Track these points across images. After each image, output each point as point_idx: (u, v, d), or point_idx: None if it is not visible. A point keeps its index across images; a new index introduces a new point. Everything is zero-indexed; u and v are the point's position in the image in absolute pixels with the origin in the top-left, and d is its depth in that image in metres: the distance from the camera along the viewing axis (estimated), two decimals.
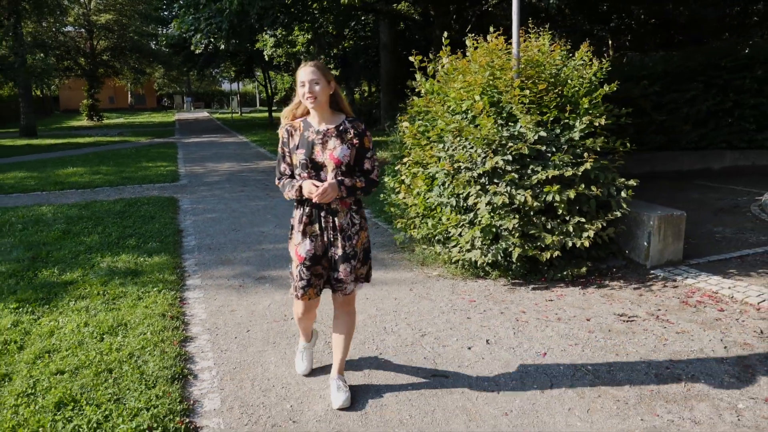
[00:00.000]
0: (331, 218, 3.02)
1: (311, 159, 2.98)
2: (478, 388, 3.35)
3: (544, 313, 4.41)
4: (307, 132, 3.02)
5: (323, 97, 2.96)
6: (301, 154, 3.00)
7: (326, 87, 2.96)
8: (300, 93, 2.98)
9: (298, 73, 2.98)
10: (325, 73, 2.95)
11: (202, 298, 4.88)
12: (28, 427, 2.94)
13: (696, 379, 3.43)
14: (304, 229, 3.04)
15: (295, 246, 3.08)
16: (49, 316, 4.45)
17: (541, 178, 4.90)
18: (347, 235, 3.05)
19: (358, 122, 3.07)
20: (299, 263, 3.06)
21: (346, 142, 2.99)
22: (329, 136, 2.99)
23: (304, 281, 3.07)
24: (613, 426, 2.96)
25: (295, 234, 3.08)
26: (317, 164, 2.98)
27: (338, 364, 3.25)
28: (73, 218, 7.80)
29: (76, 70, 37.45)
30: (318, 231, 3.04)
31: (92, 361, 3.66)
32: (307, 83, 2.92)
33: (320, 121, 3.03)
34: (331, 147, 2.97)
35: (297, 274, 3.08)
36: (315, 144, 2.99)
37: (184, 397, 3.26)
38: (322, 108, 3.00)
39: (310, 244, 3.03)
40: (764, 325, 4.14)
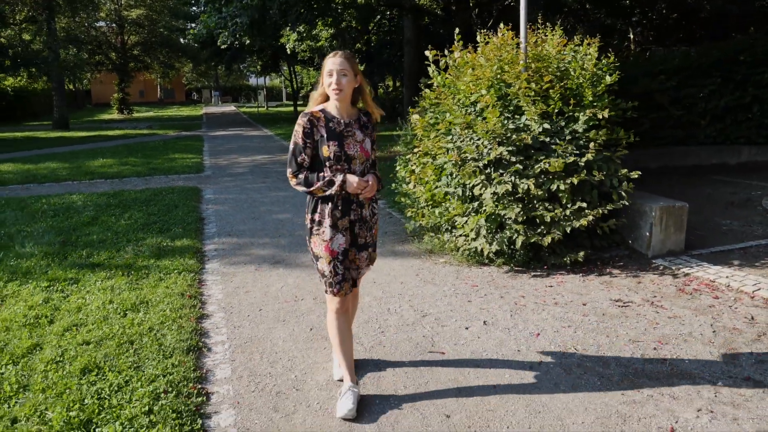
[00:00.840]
0: (359, 210, 3.01)
1: (344, 152, 2.91)
2: (471, 364, 3.56)
3: (542, 298, 4.60)
4: (332, 123, 2.94)
5: (349, 89, 2.92)
6: (334, 146, 2.90)
7: (353, 80, 2.92)
8: (326, 82, 2.91)
9: (327, 61, 2.91)
10: (353, 66, 2.91)
11: (219, 280, 5.17)
12: (56, 389, 3.23)
13: (680, 359, 3.60)
14: (335, 223, 2.97)
15: (325, 242, 2.98)
16: (77, 294, 4.77)
17: (544, 168, 5.08)
18: (368, 225, 3.07)
19: (370, 115, 3.07)
20: (332, 258, 2.98)
21: (367, 135, 3.01)
22: (355, 129, 2.97)
23: (339, 276, 3.00)
24: (595, 399, 3.15)
25: (326, 229, 2.97)
26: (349, 156, 2.93)
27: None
28: (102, 206, 8.17)
29: (107, 65, 38.28)
30: (348, 224, 3.01)
31: (115, 333, 3.96)
32: (335, 73, 2.87)
33: (342, 113, 2.98)
34: (359, 139, 2.96)
35: (331, 270, 3.00)
36: (345, 136, 2.94)
37: (198, 367, 3.54)
38: (346, 100, 2.97)
39: (342, 238, 2.99)
40: (756, 312, 4.28)
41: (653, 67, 10.30)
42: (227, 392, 3.27)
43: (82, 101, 51.35)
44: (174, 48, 39.78)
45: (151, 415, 2.96)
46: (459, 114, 5.52)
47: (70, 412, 2.98)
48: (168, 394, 3.16)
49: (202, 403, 3.14)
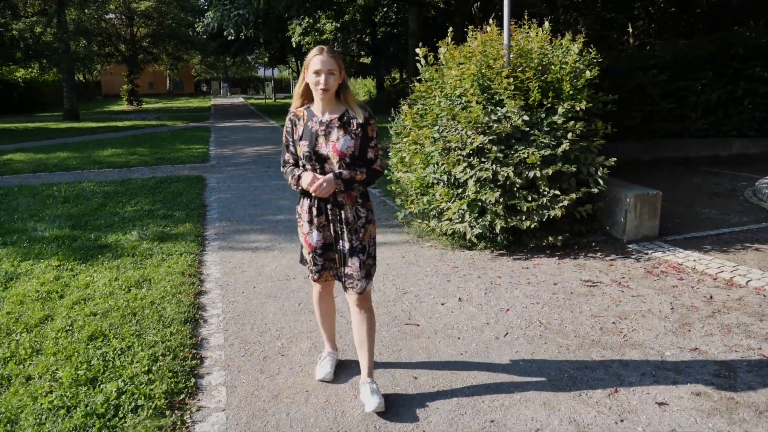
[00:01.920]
0: (338, 210, 2.96)
1: (315, 151, 2.89)
2: (442, 334, 3.90)
3: (517, 278, 4.93)
4: (311, 122, 2.92)
5: (334, 88, 2.87)
6: (305, 146, 2.90)
7: (338, 78, 2.86)
8: (311, 81, 2.85)
9: (312, 60, 2.82)
10: (339, 63, 2.84)
11: (218, 261, 5.52)
12: (66, 353, 3.60)
13: (635, 332, 3.91)
14: (311, 219, 2.99)
15: (304, 234, 3.05)
16: (85, 272, 5.14)
17: (523, 157, 5.38)
18: (353, 228, 2.98)
19: (364, 110, 2.94)
20: (311, 251, 3.05)
21: (349, 132, 2.89)
22: (332, 127, 2.89)
23: (318, 266, 3.07)
24: (550, 364, 3.48)
25: (304, 223, 3.03)
26: (321, 156, 2.89)
27: (367, 368, 3.09)
28: (110, 193, 8.55)
29: (116, 56, 38.78)
30: (325, 222, 3.00)
31: (120, 306, 4.32)
32: (323, 73, 2.80)
33: (324, 110, 2.92)
34: (334, 138, 2.87)
35: (311, 260, 3.08)
36: (318, 135, 2.89)
37: (194, 335, 3.89)
38: (330, 98, 2.90)
39: (318, 234, 3.00)
40: (715, 292, 4.59)
41: (646, 62, 10.54)
42: (219, 357, 3.63)
43: (92, 93, 51.88)
44: (182, 40, 40.19)
45: (150, 374, 3.32)
46: (445, 106, 5.84)
47: (78, 371, 3.35)
48: (165, 357, 3.52)
49: (196, 366, 3.50)
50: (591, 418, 2.94)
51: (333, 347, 3.46)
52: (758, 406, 3.03)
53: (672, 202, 7.60)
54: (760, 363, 3.48)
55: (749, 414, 2.96)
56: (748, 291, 4.61)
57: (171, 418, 2.94)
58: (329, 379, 3.30)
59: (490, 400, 3.11)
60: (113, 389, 3.15)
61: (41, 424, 2.87)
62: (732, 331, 3.91)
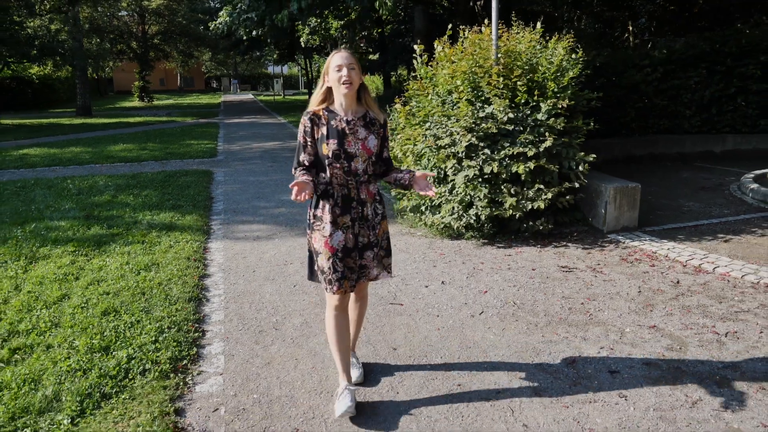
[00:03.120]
0: (360, 208, 2.98)
1: (344, 149, 2.88)
2: (423, 313, 4.26)
3: (498, 264, 5.28)
4: (334, 121, 2.90)
5: (357, 83, 2.89)
6: (334, 144, 2.87)
7: (359, 74, 2.90)
8: (334, 77, 2.86)
9: (333, 58, 2.89)
10: (358, 61, 2.90)
11: (222, 248, 5.91)
12: (81, 326, 3.99)
13: (601, 312, 4.26)
14: (335, 220, 2.95)
15: (324, 237, 2.95)
16: (98, 257, 5.54)
17: (508, 153, 5.73)
18: (371, 224, 3.02)
19: (380, 112, 3.05)
20: (331, 255, 2.95)
21: (373, 132, 2.95)
22: (358, 126, 2.92)
23: (338, 273, 2.95)
24: (518, 339, 3.84)
25: (326, 225, 2.95)
26: (349, 155, 2.89)
27: (352, 341, 3.29)
28: (121, 186, 8.97)
29: (128, 54, 39.33)
30: (349, 222, 2.97)
31: (130, 286, 4.71)
32: (345, 67, 2.82)
33: (347, 109, 2.93)
34: (362, 137, 2.91)
35: (330, 267, 2.95)
36: (346, 134, 2.89)
37: (197, 312, 4.28)
38: (352, 96, 2.91)
39: (342, 235, 2.96)
40: (683, 278, 4.92)
41: (640, 60, 10.82)
42: (219, 330, 4.01)
43: (105, 89, 52.59)
44: (193, 37, 40.68)
45: (156, 344, 3.71)
46: (435, 104, 6.18)
47: (92, 341, 3.74)
48: (171, 330, 3.91)
49: (198, 337, 3.88)
50: (548, 383, 3.29)
51: (349, 380, 3.10)
52: (701, 375, 3.37)
53: (657, 195, 7.92)
54: (710, 339, 3.82)
55: (692, 381, 3.31)
56: (714, 277, 4.93)
57: (174, 379, 3.33)
58: (352, 413, 2.94)
59: (459, 368, 3.47)
60: (124, 355, 3.54)
61: (61, 383, 3.26)
62: (691, 312, 4.24)
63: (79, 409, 3.04)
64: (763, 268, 5.04)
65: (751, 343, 3.75)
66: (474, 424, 2.91)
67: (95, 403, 3.09)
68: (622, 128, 11.05)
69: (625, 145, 10.76)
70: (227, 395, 3.21)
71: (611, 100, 10.64)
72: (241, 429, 2.90)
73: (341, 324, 3.06)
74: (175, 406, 3.08)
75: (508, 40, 6.45)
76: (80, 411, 3.02)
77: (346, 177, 2.92)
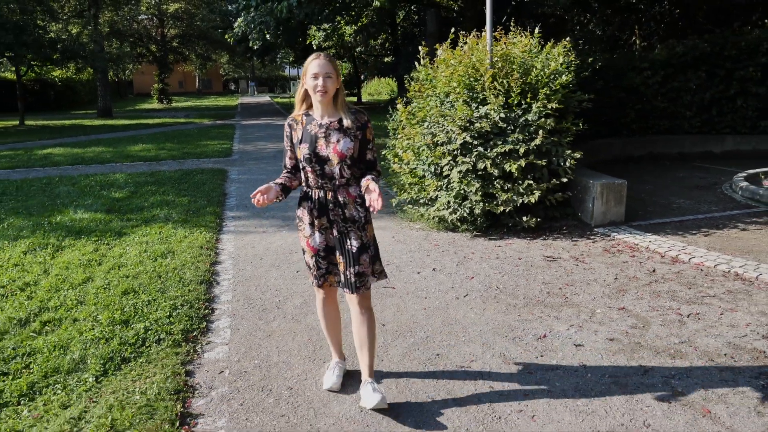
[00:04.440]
0: (341, 210, 3.02)
1: (315, 153, 2.95)
2: (412, 295, 4.66)
3: (488, 254, 5.66)
4: (310, 126, 2.98)
5: (332, 91, 2.93)
6: (305, 148, 2.96)
7: (336, 81, 2.93)
8: (310, 85, 2.92)
9: (310, 64, 2.91)
10: (336, 67, 2.93)
11: (232, 238, 6.36)
12: (104, 303, 4.44)
13: (576, 295, 4.63)
14: (312, 221, 3.04)
15: (306, 238, 3.09)
16: (119, 246, 6.01)
17: (500, 151, 6.11)
18: (361, 225, 3.04)
19: (361, 114, 3.04)
20: (313, 254, 3.08)
21: (349, 135, 2.96)
22: (332, 129, 2.95)
23: (322, 269, 3.10)
24: (496, 317, 4.22)
25: (305, 227, 3.08)
26: (321, 158, 2.95)
27: (367, 368, 3.13)
28: (140, 183, 9.47)
29: (148, 57, 40.16)
30: (327, 224, 3.04)
31: (148, 271, 5.17)
32: (321, 76, 2.88)
33: (323, 114, 2.99)
34: (334, 140, 2.94)
35: (314, 264, 3.11)
36: (318, 138, 2.95)
37: (208, 293, 4.72)
38: (327, 102, 2.96)
39: (321, 237, 3.05)
40: (659, 267, 5.27)
41: (640, 63, 11.12)
42: (227, 308, 4.44)
43: (125, 91, 53.62)
44: (211, 40, 41.42)
45: (170, 318, 4.15)
46: (434, 105, 6.58)
47: (114, 315, 4.19)
48: (183, 307, 4.35)
49: (208, 314, 4.32)
50: (517, 354, 3.68)
51: (340, 356, 3.44)
52: (658, 348, 3.74)
53: (650, 193, 8.25)
54: (673, 319, 4.18)
55: (648, 354, 3.67)
56: (689, 266, 5.28)
57: (186, 348, 3.76)
58: (336, 389, 3.25)
59: (439, 340, 3.87)
60: (141, 327, 3.99)
61: (86, 349, 3.71)
62: (660, 296, 4.60)
63: (102, 369, 3.48)
64: (737, 259, 5.37)
65: (710, 323, 4.10)
66: (447, 386, 3.31)
67: (116, 366, 3.53)
68: (622, 129, 11.36)
69: (626, 146, 11.07)
70: (231, 361, 3.63)
71: (612, 102, 10.97)
72: (242, 387, 3.32)
73: (329, 313, 3.30)
74: (186, 369, 3.51)
75: (505, 45, 6.83)
76: (103, 371, 3.47)
77: (321, 180, 2.99)
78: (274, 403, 3.16)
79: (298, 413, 3.06)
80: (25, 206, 7.93)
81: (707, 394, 3.20)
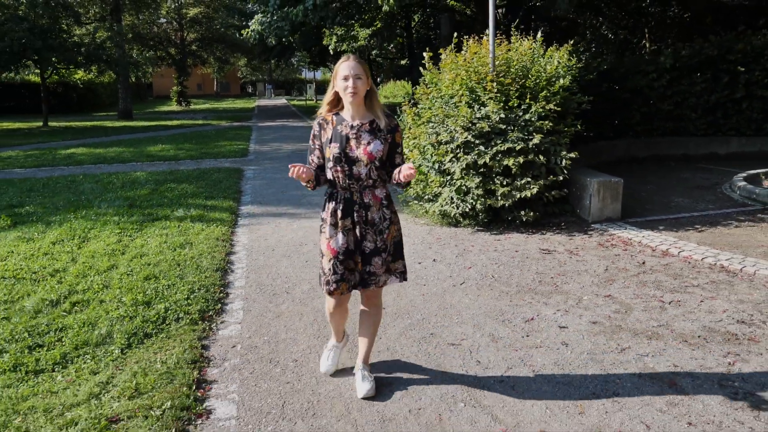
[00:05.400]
0: (364, 212, 3.05)
1: (345, 153, 2.98)
2: (412, 283, 4.99)
3: (487, 247, 5.98)
4: (340, 126, 3.02)
5: (363, 92, 2.97)
6: (336, 148, 2.99)
7: (366, 82, 2.96)
8: (341, 86, 2.97)
9: (340, 66, 2.97)
10: (365, 69, 2.97)
11: (246, 231, 6.74)
12: (128, 287, 4.83)
13: (566, 284, 4.93)
14: (336, 222, 3.05)
15: (327, 239, 3.08)
16: (141, 238, 6.40)
17: (500, 150, 6.42)
18: (378, 229, 3.08)
19: (391, 118, 3.09)
20: (332, 257, 3.07)
21: (379, 137, 3.01)
22: (363, 131, 3.00)
23: (337, 275, 3.08)
24: (489, 302, 4.54)
25: (327, 228, 3.08)
26: (351, 159, 2.98)
27: (363, 354, 3.30)
28: (160, 181, 9.90)
29: (167, 60, 40.90)
30: (350, 225, 3.06)
31: (168, 259, 5.55)
32: (351, 77, 2.92)
33: (354, 115, 3.03)
34: (365, 142, 2.98)
35: (330, 268, 3.08)
36: (349, 138, 2.99)
37: (223, 279, 5.09)
38: (359, 103, 3.00)
39: (343, 238, 3.05)
40: (649, 260, 5.55)
41: (645, 66, 11.35)
42: (240, 292, 4.81)
43: (144, 94, 54.52)
44: (229, 44, 42.09)
45: (188, 300, 4.53)
46: (437, 106, 6.92)
47: (137, 297, 4.57)
48: (200, 291, 4.72)
49: (223, 297, 4.69)
50: (505, 334, 4.00)
51: (338, 339, 3.54)
52: (636, 331, 4.03)
53: (651, 192, 8.50)
54: (655, 305, 4.47)
55: (626, 335, 3.97)
56: (678, 259, 5.56)
57: (202, 325, 4.13)
58: (331, 372, 3.44)
59: (434, 322, 4.19)
60: (162, 307, 4.36)
61: (112, 326, 4.09)
62: (646, 285, 4.89)
63: (126, 343, 3.85)
64: (724, 253, 5.63)
65: (689, 309, 4.39)
66: (438, 359, 3.64)
67: (139, 340, 3.91)
68: (628, 131, 11.60)
69: (630, 147, 11.31)
70: (243, 337, 3.99)
71: (617, 104, 11.22)
72: (252, 359, 3.68)
73: (338, 315, 3.37)
74: (202, 343, 3.88)
75: (509, 50, 7.14)
76: (128, 344, 3.84)
77: (348, 181, 3.02)
78: (281, 372, 3.51)
79: (302, 381, 3.41)
80: (51, 201, 8.38)
81: (676, 369, 3.49)
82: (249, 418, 3.04)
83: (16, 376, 3.47)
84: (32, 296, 4.70)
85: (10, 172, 11.63)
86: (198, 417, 3.05)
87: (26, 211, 7.78)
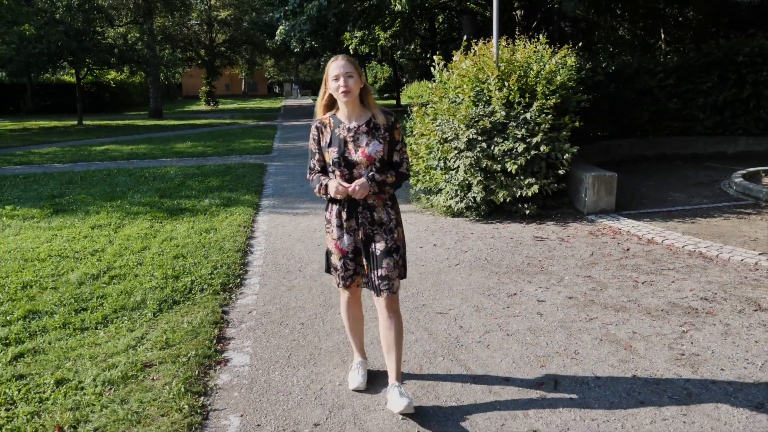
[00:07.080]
0: (369, 213, 3.02)
1: (344, 157, 2.95)
2: (412, 264, 5.52)
3: (485, 235, 6.49)
4: (338, 129, 2.98)
5: (356, 90, 2.92)
6: (334, 152, 2.96)
7: (358, 80, 2.91)
8: (333, 87, 2.92)
9: (330, 67, 2.92)
10: (356, 67, 2.91)
11: (266, 219, 7.34)
12: (158, 264, 5.45)
13: (552, 266, 5.43)
14: (341, 223, 3.05)
15: (334, 240, 3.10)
16: (170, 224, 7.05)
17: (503, 149, 6.91)
18: (388, 228, 3.04)
19: (389, 115, 3.03)
20: (342, 255, 3.09)
21: (377, 137, 2.97)
22: (360, 133, 2.96)
23: (350, 271, 3.10)
24: (480, 281, 5.06)
25: (334, 229, 3.08)
26: (350, 162, 2.95)
27: (395, 372, 3.11)
28: (189, 175, 10.59)
29: (196, 61, 41.98)
30: (355, 226, 3.04)
31: (194, 242, 6.18)
32: (342, 77, 2.86)
33: (350, 117, 2.98)
34: (363, 144, 2.94)
35: (342, 266, 3.11)
36: (347, 142, 2.95)
37: (243, 259, 5.69)
38: (353, 103, 2.95)
39: (349, 238, 3.06)
40: (634, 247, 6.00)
41: (654, 66, 11.71)
42: (258, 270, 5.40)
43: (174, 94, 55.91)
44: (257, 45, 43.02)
45: (212, 275, 5.14)
46: (443, 104, 7.44)
47: (167, 272, 5.20)
48: (222, 267, 5.33)
49: (242, 273, 5.29)
50: (489, 305, 4.52)
51: (363, 356, 3.47)
52: (606, 304, 4.52)
53: (651, 188, 8.91)
54: (629, 285, 4.94)
55: (597, 308, 4.46)
56: (660, 247, 6.00)
57: (223, 295, 4.73)
58: (362, 389, 3.29)
59: (427, 294, 4.73)
60: (189, 280, 4.98)
61: (146, 294, 4.71)
62: (625, 268, 5.36)
63: (158, 308, 4.47)
64: (705, 241, 6.06)
65: (658, 288, 4.85)
66: (426, 325, 4.18)
67: (169, 306, 4.52)
68: (636, 130, 11.96)
69: (637, 146, 11.67)
70: (258, 305, 4.58)
71: (626, 104, 11.59)
72: (265, 322, 4.26)
73: (353, 314, 3.31)
74: (223, 309, 4.47)
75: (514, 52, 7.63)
76: (159, 309, 4.45)
77: (350, 183, 2.97)
78: (289, 332, 4.08)
79: (306, 339, 3.98)
80: (89, 192, 9.09)
81: (634, 335, 3.98)
82: (260, 365, 3.62)
83: (65, 332, 4.09)
84: (75, 271, 5.35)
85: (50, 166, 12.46)
86: (217, 364, 3.64)
87: (66, 201, 8.50)
